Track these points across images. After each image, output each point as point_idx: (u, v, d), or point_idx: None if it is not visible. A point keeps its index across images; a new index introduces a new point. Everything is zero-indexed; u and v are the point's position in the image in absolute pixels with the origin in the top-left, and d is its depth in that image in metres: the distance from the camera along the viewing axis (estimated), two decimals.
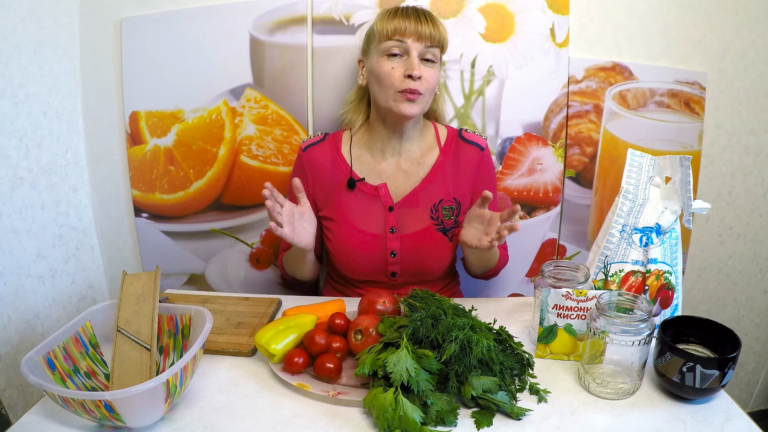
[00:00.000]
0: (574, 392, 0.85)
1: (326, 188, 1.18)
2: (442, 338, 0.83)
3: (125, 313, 0.89)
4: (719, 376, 0.79)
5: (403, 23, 1.05)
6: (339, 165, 1.18)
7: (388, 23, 1.06)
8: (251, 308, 1.14)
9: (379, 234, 1.15)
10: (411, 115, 1.07)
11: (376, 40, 1.08)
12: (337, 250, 1.17)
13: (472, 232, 1.05)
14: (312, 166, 1.18)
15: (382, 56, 1.07)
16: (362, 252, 1.15)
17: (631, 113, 1.38)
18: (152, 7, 1.30)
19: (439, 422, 0.77)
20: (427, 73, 1.06)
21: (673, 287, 1.01)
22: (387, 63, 1.06)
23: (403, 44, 1.05)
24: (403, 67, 1.06)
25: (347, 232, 1.15)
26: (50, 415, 0.81)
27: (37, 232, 1.21)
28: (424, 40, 1.05)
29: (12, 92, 1.13)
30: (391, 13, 1.08)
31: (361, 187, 1.16)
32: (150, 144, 1.37)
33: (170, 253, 1.45)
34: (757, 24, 1.35)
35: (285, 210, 1.01)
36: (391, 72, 1.06)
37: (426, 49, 1.06)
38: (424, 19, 1.06)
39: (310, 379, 0.88)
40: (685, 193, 0.99)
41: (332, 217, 1.17)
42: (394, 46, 1.06)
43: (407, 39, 1.05)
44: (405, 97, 1.06)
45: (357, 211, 1.16)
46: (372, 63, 1.09)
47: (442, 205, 1.16)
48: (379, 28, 1.07)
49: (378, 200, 1.15)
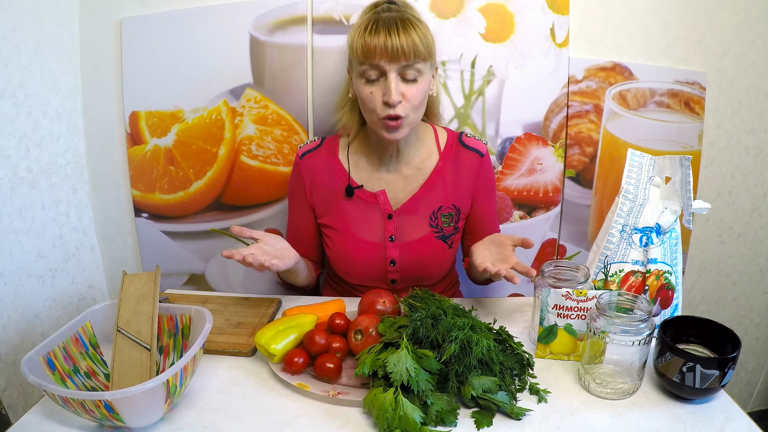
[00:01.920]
0: (574, 392, 0.85)
1: (325, 195, 1.16)
2: (442, 338, 0.83)
3: (125, 313, 0.89)
4: (719, 376, 0.79)
5: (373, 41, 0.94)
6: (337, 172, 1.15)
7: (358, 41, 0.96)
8: (251, 308, 1.14)
9: (378, 242, 1.14)
10: (396, 140, 1.03)
11: (354, 58, 1.00)
12: (337, 258, 1.17)
13: (485, 254, 1.01)
14: (310, 174, 1.16)
15: (360, 79, 0.99)
16: (362, 261, 1.14)
17: (631, 113, 1.38)
18: (152, 7, 1.29)
19: (439, 422, 0.77)
20: (410, 92, 0.98)
21: (673, 287, 1.01)
22: (366, 88, 0.99)
23: (377, 67, 0.96)
24: (381, 91, 0.98)
25: (347, 241, 1.14)
26: (50, 415, 0.81)
27: (37, 232, 1.21)
28: (399, 58, 0.95)
29: (12, 92, 1.13)
30: (362, 29, 0.97)
31: (360, 195, 1.14)
32: (150, 144, 1.37)
33: (170, 253, 1.45)
34: (757, 24, 1.34)
35: (258, 251, 0.96)
36: (370, 97, 0.99)
37: (404, 69, 0.97)
38: (395, 32, 0.94)
39: (310, 379, 0.88)
40: (685, 193, 0.99)
41: (332, 225, 1.16)
42: (368, 70, 0.97)
43: (380, 61, 0.95)
44: (387, 125, 1.00)
45: (356, 218, 1.14)
46: (354, 82, 1.02)
47: (442, 212, 1.14)
48: (353, 47, 0.98)
49: (377, 207, 1.13)
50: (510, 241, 0.99)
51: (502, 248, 1.00)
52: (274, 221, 1.42)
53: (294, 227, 1.24)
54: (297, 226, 1.23)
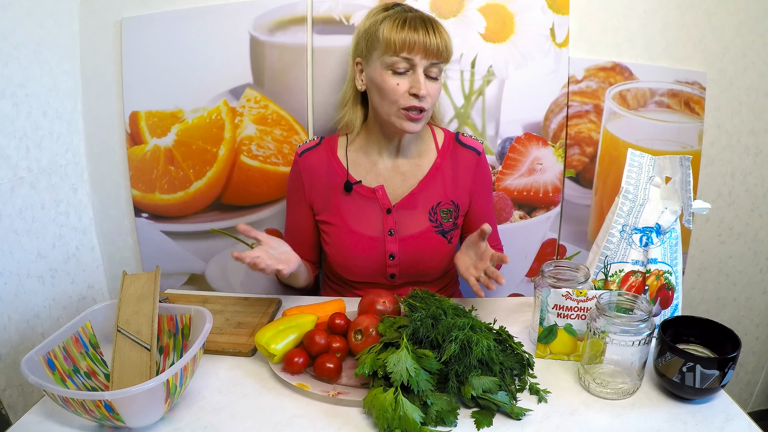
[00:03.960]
0: (574, 392, 0.85)
1: (323, 192, 1.17)
2: (442, 338, 0.83)
3: (125, 313, 0.89)
4: (719, 376, 0.79)
5: (413, 37, 0.98)
6: (335, 169, 1.17)
7: (396, 35, 0.99)
8: (251, 308, 1.14)
9: (377, 237, 1.14)
10: (414, 132, 1.06)
11: (379, 49, 1.02)
12: (335, 253, 1.17)
13: (466, 261, 1.04)
14: (308, 171, 1.18)
15: (387, 70, 1.02)
16: (361, 255, 1.15)
17: (631, 113, 1.38)
18: (152, 7, 1.29)
19: (439, 422, 0.77)
20: (433, 89, 1.03)
21: (673, 287, 1.01)
22: (392, 79, 1.02)
23: (409, 60, 1.00)
24: (409, 83, 1.01)
25: (345, 236, 1.15)
26: (50, 415, 0.81)
27: (37, 232, 1.21)
28: (431, 56, 1.00)
29: (12, 92, 1.13)
30: (398, 22, 1.00)
31: (358, 190, 1.15)
32: (150, 144, 1.37)
33: (170, 253, 1.45)
34: (757, 24, 1.35)
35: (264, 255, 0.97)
36: (396, 88, 1.02)
37: (431, 66, 1.02)
38: (432, 32, 1.00)
39: (310, 379, 0.88)
40: (685, 193, 0.99)
41: (330, 221, 1.17)
42: (399, 62, 1.01)
43: (415, 56, 1.00)
44: (408, 116, 1.03)
45: (354, 214, 1.15)
46: (374, 73, 1.04)
47: (440, 207, 1.15)
48: (385, 38, 1.00)
49: (376, 202, 1.15)
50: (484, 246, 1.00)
51: (477, 247, 1.02)
52: (274, 221, 1.42)
53: (292, 227, 1.24)
54: (295, 226, 1.23)
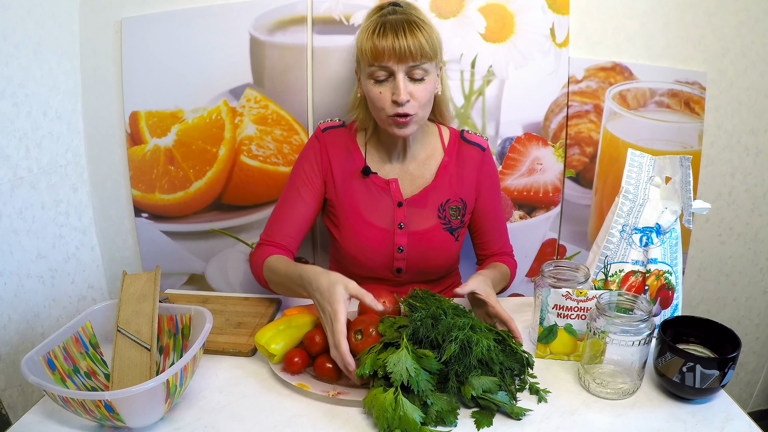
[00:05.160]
0: (574, 392, 0.86)
1: (341, 172, 1.16)
2: (442, 338, 0.83)
3: (125, 313, 0.89)
4: (719, 376, 0.79)
5: (381, 44, 0.97)
6: (353, 153, 1.17)
7: (366, 44, 1.00)
8: (251, 308, 1.14)
9: (387, 228, 1.14)
10: (405, 136, 1.07)
11: (362, 60, 1.03)
12: (345, 241, 1.16)
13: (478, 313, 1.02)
14: (331, 147, 1.16)
15: (369, 79, 1.03)
16: (370, 246, 1.15)
17: (631, 113, 1.38)
18: (152, 7, 1.29)
19: (439, 422, 0.77)
20: (418, 91, 1.02)
21: (673, 287, 1.01)
22: (375, 88, 1.03)
23: (386, 68, 1.00)
24: (390, 90, 1.01)
25: (356, 224, 1.15)
26: (50, 415, 0.81)
27: (37, 232, 1.21)
28: (406, 59, 0.98)
29: (12, 92, 1.13)
30: (370, 31, 1.00)
31: (374, 180, 1.15)
32: (150, 144, 1.37)
33: (170, 253, 1.45)
34: (757, 24, 1.35)
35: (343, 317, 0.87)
36: (379, 97, 1.02)
37: (412, 69, 1.00)
38: (402, 34, 0.97)
39: (310, 379, 0.88)
40: (685, 193, 0.99)
41: (342, 206, 1.15)
42: (377, 71, 1.01)
43: (388, 63, 0.99)
44: (396, 121, 1.03)
45: (367, 203, 1.15)
46: (363, 82, 1.06)
47: (449, 205, 1.16)
48: (360, 48, 1.02)
49: (388, 195, 1.15)
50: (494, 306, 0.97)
51: (485, 307, 0.99)
52: None
53: (287, 203, 1.16)
54: (292, 204, 1.15)
